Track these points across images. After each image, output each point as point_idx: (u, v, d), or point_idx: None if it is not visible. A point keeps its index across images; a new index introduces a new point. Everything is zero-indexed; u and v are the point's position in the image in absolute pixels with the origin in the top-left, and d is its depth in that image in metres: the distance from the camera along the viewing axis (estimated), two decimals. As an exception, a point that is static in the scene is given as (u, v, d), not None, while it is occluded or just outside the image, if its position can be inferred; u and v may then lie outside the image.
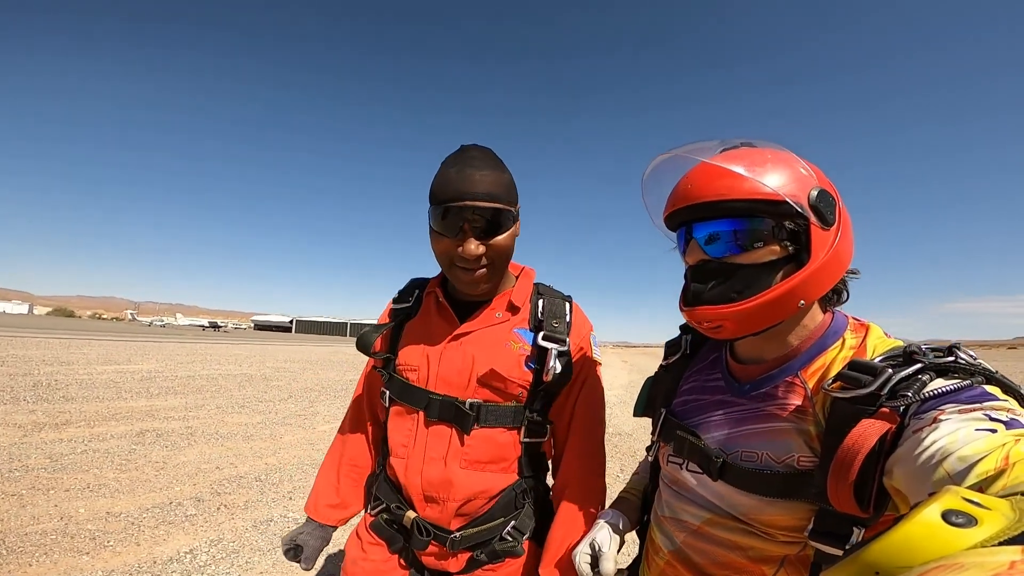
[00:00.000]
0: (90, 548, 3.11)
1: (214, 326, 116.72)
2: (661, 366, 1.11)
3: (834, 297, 0.86)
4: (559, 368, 1.12)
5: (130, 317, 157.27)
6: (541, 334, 1.15)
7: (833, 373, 0.78)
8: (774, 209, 0.77)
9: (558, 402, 1.21)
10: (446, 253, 1.10)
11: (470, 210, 1.04)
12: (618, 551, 1.01)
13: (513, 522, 1.17)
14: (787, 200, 0.75)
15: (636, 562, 1.10)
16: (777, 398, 0.82)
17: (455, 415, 1.12)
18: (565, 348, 1.14)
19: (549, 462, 1.29)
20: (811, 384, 0.80)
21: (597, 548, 0.98)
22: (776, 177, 0.77)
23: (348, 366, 18.55)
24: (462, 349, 1.16)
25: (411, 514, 1.15)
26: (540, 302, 1.23)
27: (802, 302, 0.79)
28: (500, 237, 1.09)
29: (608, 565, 0.95)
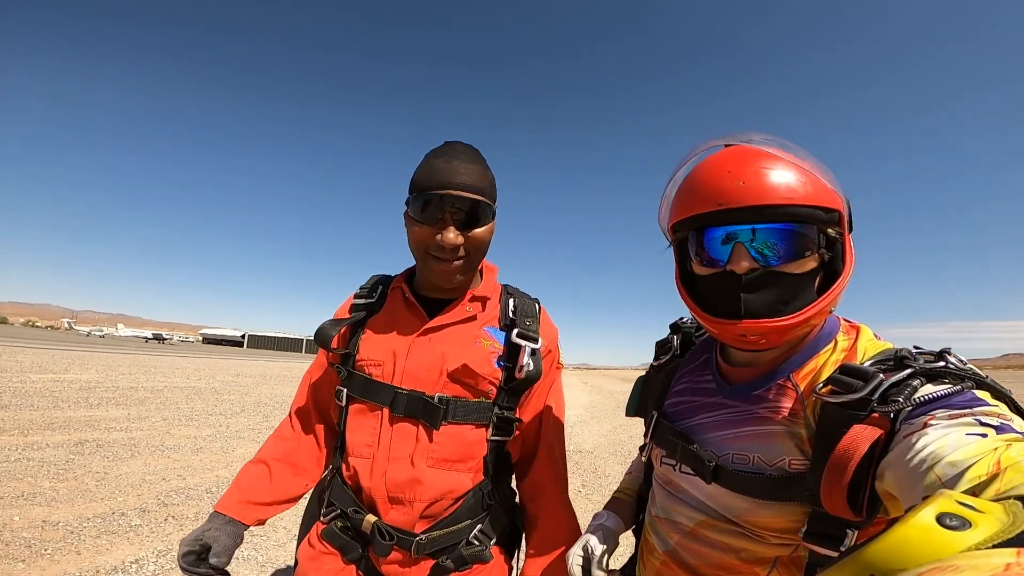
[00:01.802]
0: (25, 556, 2.96)
1: (158, 338, 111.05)
2: (652, 366, 1.10)
3: None
4: (532, 366, 1.11)
5: (67, 326, 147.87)
6: (515, 331, 1.15)
7: (824, 376, 0.77)
8: (825, 216, 0.75)
9: (528, 403, 1.20)
10: (423, 242, 1.09)
11: (453, 199, 1.05)
12: (611, 553, 1.00)
13: (480, 525, 1.12)
14: (837, 209, 0.75)
15: (631, 561, 1.08)
16: (769, 401, 0.81)
17: (423, 410, 1.08)
18: (538, 346, 1.14)
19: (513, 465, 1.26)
20: (803, 387, 0.79)
21: (590, 551, 0.98)
22: (828, 182, 0.76)
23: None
24: (431, 344, 1.13)
25: (371, 518, 1.08)
26: (511, 301, 1.22)
27: (832, 309, 0.80)
28: (480, 230, 1.10)
29: (598, 571, 0.96)
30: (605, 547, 0.99)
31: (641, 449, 1.11)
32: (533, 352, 1.13)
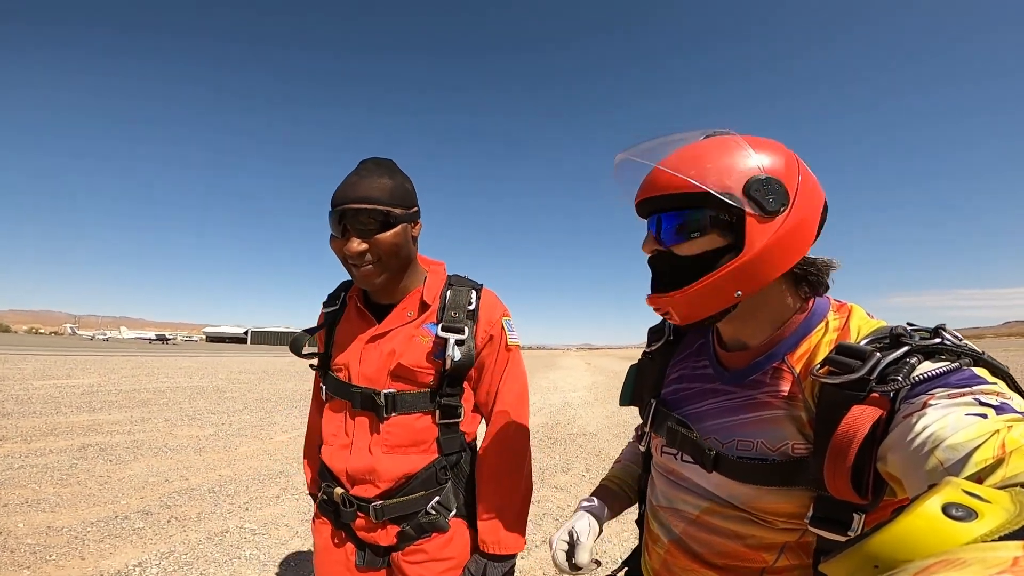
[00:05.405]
0: (30, 562, 2.98)
1: (162, 339, 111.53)
2: (645, 353, 1.10)
3: (806, 287, 0.83)
4: (457, 356, 1.23)
5: (70, 331, 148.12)
6: (440, 325, 1.27)
7: (820, 357, 0.77)
8: (708, 200, 0.76)
9: (480, 387, 1.33)
10: (339, 254, 1.23)
11: (351, 212, 1.16)
12: (596, 539, 1.02)
13: (437, 497, 1.26)
14: (709, 190, 0.74)
15: (636, 553, 1.09)
16: (766, 385, 0.81)
17: (372, 405, 1.25)
18: (463, 336, 1.25)
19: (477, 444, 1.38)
20: (798, 369, 0.79)
21: (575, 537, 0.98)
22: (708, 169, 0.76)
23: (308, 375, 17.99)
24: (379, 348, 1.27)
25: (339, 491, 1.26)
26: (448, 293, 1.32)
27: (738, 292, 0.77)
28: (384, 235, 1.19)
29: (583, 556, 0.96)
30: (590, 530, 1.00)
31: (639, 438, 1.11)
32: (458, 342, 1.25)
